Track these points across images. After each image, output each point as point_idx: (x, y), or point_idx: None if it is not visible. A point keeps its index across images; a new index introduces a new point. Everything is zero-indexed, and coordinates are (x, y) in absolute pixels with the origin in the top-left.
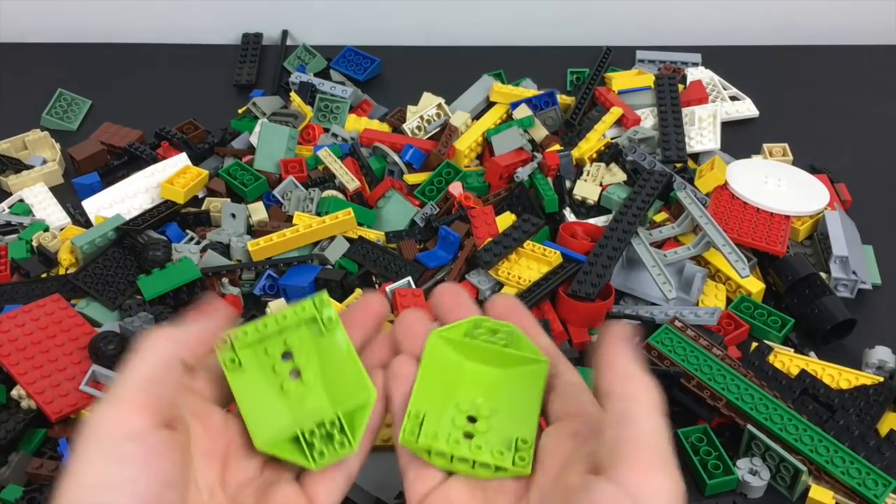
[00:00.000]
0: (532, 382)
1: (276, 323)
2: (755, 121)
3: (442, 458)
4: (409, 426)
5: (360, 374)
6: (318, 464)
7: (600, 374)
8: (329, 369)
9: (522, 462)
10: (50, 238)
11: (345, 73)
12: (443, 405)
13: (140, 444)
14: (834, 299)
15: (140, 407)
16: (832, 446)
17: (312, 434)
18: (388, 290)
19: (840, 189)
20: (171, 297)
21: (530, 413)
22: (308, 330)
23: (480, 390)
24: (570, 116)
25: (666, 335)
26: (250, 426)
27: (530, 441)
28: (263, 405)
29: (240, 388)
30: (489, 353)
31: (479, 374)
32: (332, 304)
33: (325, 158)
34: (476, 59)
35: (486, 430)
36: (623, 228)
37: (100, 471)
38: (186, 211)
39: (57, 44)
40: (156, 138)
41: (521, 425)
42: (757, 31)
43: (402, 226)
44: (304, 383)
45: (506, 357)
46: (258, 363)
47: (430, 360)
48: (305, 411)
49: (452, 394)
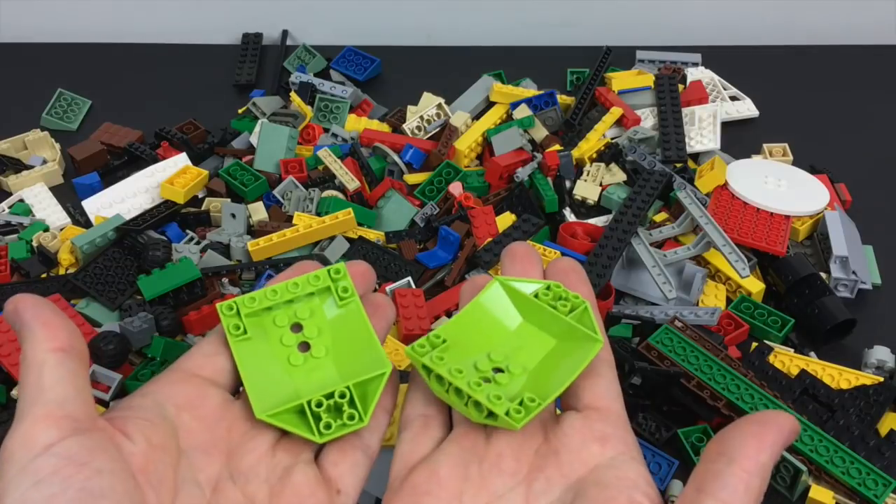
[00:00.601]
0: (577, 358)
1: (288, 291)
2: (755, 121)
3: (439, 384)
4: (423, 342)
5: (375, 348)
6: (323, 436)
7: None
8: (341, 344)
9: (518, 415)
10: (50, 238)
11: (345, 73)
12: (473, 347)
13: (53, 457)
14: (834, 299)
15: (42, 419)
16: (832, 446)
17: (319, 405)
18: (388, 290)
19: (840, 189)
20: (171, 297)
21: (558, 385)
22: (321, 301)
23: (521, 350)
24: (570, 116)
25: (666, 335)
26: (251, 394)
27: (539, 402)
28: (267, 376)
29: (243, 357)
30: (547, 317)
31: (529, 336)
32: (348, 275)
33: (325, 158)
34: (476, 59)
35: (506, 384)
36: (623, 228)
37: (19, 496)
38: (186, 211)
39: (57, 44)
40: (156, 138)
41: (541, 389)
42: (757, 31)
43: (402, 226)
44: (313, 357)
45: (562, 326)
46: (264, 333)
47: (482, 303)
48: (313, 383)
49: (490, 341)
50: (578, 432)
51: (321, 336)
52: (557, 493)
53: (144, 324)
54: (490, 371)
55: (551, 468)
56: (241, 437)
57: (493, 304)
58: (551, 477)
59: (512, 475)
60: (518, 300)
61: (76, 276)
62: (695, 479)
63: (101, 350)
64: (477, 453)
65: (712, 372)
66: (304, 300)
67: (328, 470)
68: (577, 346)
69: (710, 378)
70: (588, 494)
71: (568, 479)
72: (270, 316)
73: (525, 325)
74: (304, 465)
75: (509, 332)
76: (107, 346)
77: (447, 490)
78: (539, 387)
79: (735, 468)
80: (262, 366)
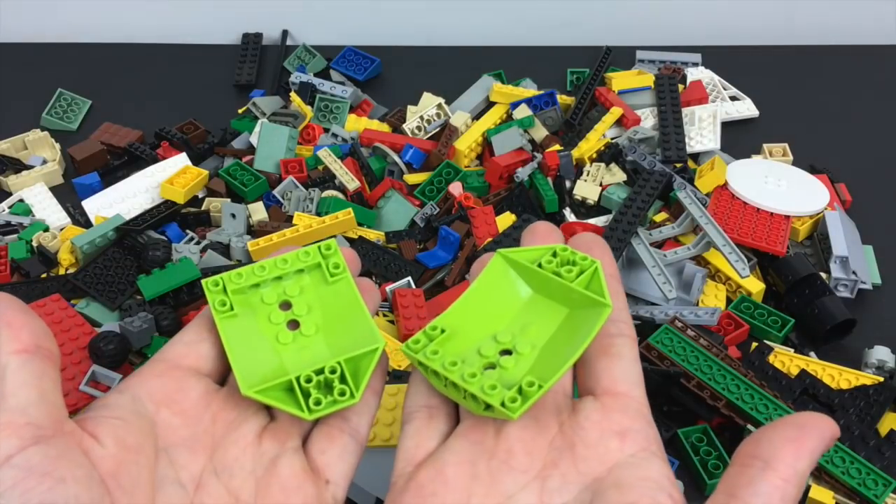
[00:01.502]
0: (585, 327)
1: (276, 268)
2: (755, 121)
3: (437, 379)
4: (418, 337)
5: (367, 324)
6: (313, 412)
7: None
8: (332, 322)
9: (513, 405)
10: (50, 238)
11: (345, 73)
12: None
13: (13, 468)
14: (834, 299)
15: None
16: (832, 446)
17: (309, 381)
18: (388, 290)
19: (840, 189)
20: (171, 297)
21: (565, 359)
22: (311, 278)
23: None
24: (570, 116)
25: (666, 335)
26: (238, 372)
27: (537, 386)
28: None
29: (229, 334)
30: (553, 285)
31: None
32: (339, 251)
33: (325, 158)
34: (476, 59)
35: (512, 367)
36: (623, 228)
37: None
38: (186, 211)
39: (57, 44)
40: (156, 138)
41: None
42: (757, 31)
43: (402, 226)
44: (303, 335)
45: (569, 293)
46: (252, 310)
47: (485, 281)
48: (302, 361)
49: (494, 323)
50: (597, 425)
51: (311, 314)
52: (574, 493)
53: (144, 324)
54: (496, 355)
55: (567, 464)
56: (225, 428)
57: (497, 281)
58: (567, 474)
59: (524, 472)
60: (523, 272)
61: (76, 276)
62: (726, 482)
63: (101, 350)
64: (486, 448)
65: (712, 372)
66: (293, 276)
67: (316, 458)
68: (585, 314)
69: (710, 378)
70: (607, 497)
71: (585, 478)
72: (258, 293)
73: (535, 298)
74: (291, 455)
75: (517, 307)
76: (107, 346)
77: (454, 490)
78: (545, 367)
79: (770, 475)
80: (249, 343)
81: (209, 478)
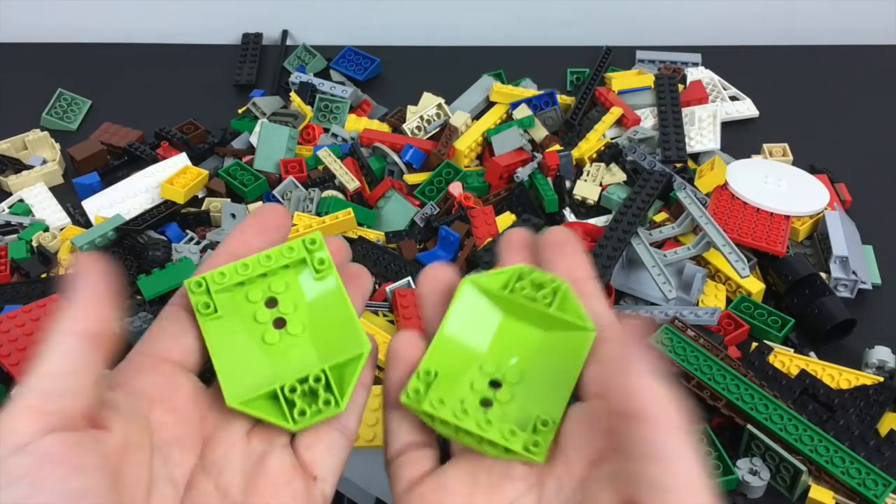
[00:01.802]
0: (572, 352)
1: (260, 265)
2: (755, 121)
3: (446, 427)
4: (416, 385)
5: (353, 324)
6: (297, 424)
7: (611, 387)
8: (319, 319)
9: (536, 449)
10: (50, 238)
11: (345, 73)
12: (464, 364)
13: (28, 455)
14: (834, 299)
15: (26, 411)
16: (832, 446)
17: (293, 391)
18: (388, 290)
19: (840, 189)
20: (171, 297)
21: (563, 388)
22: (296, 274)
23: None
24: (570, 116)
25: (666, 335)
26: (223, 381)
27: (552, 423)
28: (240, 358)
29: (214, 337)
30: (528, 311)
31: (514, 332)
32: (325, 245)
33: (324, 158)
34: (476, 59)
35: (509, 400)
36: (623, 228)
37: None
38: (186, 211)
39: (57, 44)
40: (156, 138)
41: (548, 401)
42: (757, 31)
43: (402, 226)
44: (289, 334)
45: (547, 319)
46: (237, 310)
47: (457, 311)
48: (288, 365)
49: (477, 353)
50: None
51: (297, 311)
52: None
53: (144, 324)
54: (487, 387)
55: (559, 468)
56: (214, 427)
57: (470, 310)
58: (561, 476)
59: (523, 479)
60: (496, 299)
61: None
62: None
63: None
64: (485, 462)
65: (712, 372)
66: (278, 273)
67: (303, 454)
68: (566, 336)
69: (710, 378)
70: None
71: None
72: (243, 291)
73: (508, 321)
74: (279, 451)
75: (492, 333)
76: None
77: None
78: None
79: None
80: (234, 347)
81: (199, 475)
